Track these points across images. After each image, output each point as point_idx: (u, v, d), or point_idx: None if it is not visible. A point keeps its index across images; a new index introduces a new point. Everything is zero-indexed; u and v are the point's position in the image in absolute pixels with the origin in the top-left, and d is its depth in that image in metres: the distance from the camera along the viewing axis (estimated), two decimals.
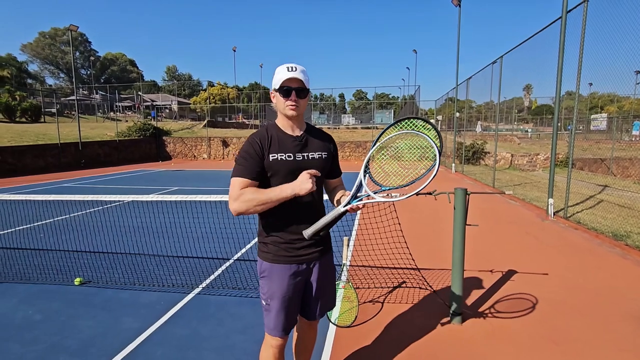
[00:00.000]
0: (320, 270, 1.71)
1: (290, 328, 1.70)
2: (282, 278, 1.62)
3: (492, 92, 11.52)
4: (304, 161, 1.59)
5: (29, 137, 17.56)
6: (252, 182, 1.53)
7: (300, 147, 1.61)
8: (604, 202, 7.69)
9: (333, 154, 1.73)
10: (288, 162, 1.56)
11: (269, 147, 1.56)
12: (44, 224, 5.93)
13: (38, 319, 2.95)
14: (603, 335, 2.70)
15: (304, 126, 1.67)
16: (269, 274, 1.65)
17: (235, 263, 4.14)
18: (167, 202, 7.00)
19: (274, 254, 1.62)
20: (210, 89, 48.00)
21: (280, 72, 1.54)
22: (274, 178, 1.58)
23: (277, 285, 1.63)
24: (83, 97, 40.22)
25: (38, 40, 62.03)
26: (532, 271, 3.91)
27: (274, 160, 1.55)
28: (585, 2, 5.75)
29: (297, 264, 1.64)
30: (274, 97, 1.61)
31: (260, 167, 1.54)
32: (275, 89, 1.56)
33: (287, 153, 1.57)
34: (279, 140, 1.59)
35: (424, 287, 3.50)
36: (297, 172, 1.54)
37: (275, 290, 1.63)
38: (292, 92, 1.54)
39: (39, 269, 3.94)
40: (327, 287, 1.77)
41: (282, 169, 1.56)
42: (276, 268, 1.63)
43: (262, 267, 1.67)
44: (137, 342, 2.59)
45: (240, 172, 1.54)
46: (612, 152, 14.34)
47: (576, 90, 6.14)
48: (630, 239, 4.97)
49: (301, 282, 1.67)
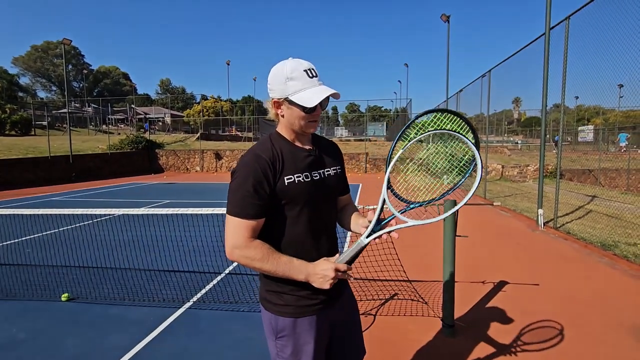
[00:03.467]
0: (345, 308, 1.38)
1: None
2: (310, 332, 1.25)
3: (482, 105, 11.77)
4: (320, 180, 1.26)
5: (18, 150, 17.34)
6: (258, 223, 1.19)
7: (314, 164, 1.27)
8: (593, 212, 7.82)
9: (343, 166, 1.41)
10: (306, 184, 1.21)
11: (282, 167, 1.19)
12: (31, 239, 5.82)
13: (22, 337, 2.86)
14: (594, 345, 2.71)
15: (310, 136, 1.32)
16: (292, 332, 1.25)
17: (227, 277, 4.10)
18: (158, 216, 6.92)
19: (295, 307, 1.24)
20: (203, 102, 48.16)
21: (299, 78, 1.15)
22: (289, 208, 1.21)
23: (306, 341, 1.25)
24: (75, 110, 40.01)
25: (30, 53, 61.96)
26: (523, 282, 3.93)
27: (291, 184, 1.18)
28: (567, 19, 5.98)
29: (323, 309, 1.27)
30: (279, 108, 1.21)
31: (269, 198, 1.18)
32: (292, 100, 1.16)
33: (304, 172, 1.22)
34: (290, 156, 1.22)
35: (415, 299, 3.50)
36: (316, 196, 1.23)
37: (306, 349, 1.25)
38: (317, 106, 1.17)
39: (25, 285, 3.85)
40: (355, 330, 1.42)
41: (301, 194, 1.20)
42: (302, 323, 1.25)
43: (280, 325, 1.26)
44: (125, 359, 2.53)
45: (244, 210, 1.15)
46: (599, 163, 14.65)
47: (561, 103, 6.31)
48: (618, 248, 5.05)
49: (329, 328, 1.32)
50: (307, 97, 1.15)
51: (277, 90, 1.18)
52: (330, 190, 1.32)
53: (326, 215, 1.31)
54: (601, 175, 14.44)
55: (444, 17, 15.22)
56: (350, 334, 1.40)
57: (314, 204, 1.24)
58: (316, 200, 1.24)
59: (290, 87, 1.16)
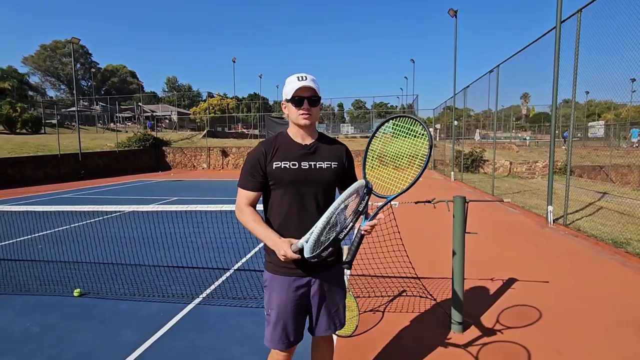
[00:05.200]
0: (324, 284, 1.64)
1: (289, 342, 1.63)
2: (281, 290, 1.59)
3: (489, 101, 11.63)
4: (310, 170, 1.56)
5: (29, 149, 17.62)
6: (254, 194, 1.59)
7: (306, 156, 1.58)
8: (604, 209, 7.70)
9: (345, 163, 1.68)
10: (292, 170, 1.54)
11: (274, 155, 1.56)
12: (43, 235, 5.91)
13: (36, 331, 2.92)
14: (605, 343, 2.68)
15: (316, 135, 1.65)
16: (270, 284, 1.63)
17: (235, 273, 4.12)
18: (167, 212, 6.99)
19: (274, 265, 1.60)
20: (210, 99, 48.36)
21: (291, 82, 1.54)
22: (277, 187, 1.57)
23: (276, 296, 1.60)
24: (83, 108, 40.48)
25: (39, 52, 62.77)
26: (532, 279, 3.89)
27: (277, 168, 1.54)
28: (578, 12, 5.86)
29: (298, 277, 1.59)
30: (285, 108, 1.60)
31: (263, 178, 1.56)
32: (287, 99, 1.55)
33: (292, 161, 1.55)
34: (286, 148, 1.58)
35: (424, 296, 3.48)
36: (301, 181, 1.53)
37: (275, 302, 1.60)
38: (304, 101, 1.53)
39: (38, 281, 3.92)
40: (331, 303, 1.68)
41: (285, 177, 1.54)
42: (276, 279, 1.60)
43: (265, 277, 1.66)
44: (135, 355, 2.56)
45: (243, 183, 1.60)
46: (610, 159, 14.40)
47: (572, 98, 6.20)
48: (630, 246, 4.97)
49: (303, 295, 1.62)
50: (291, 92, 1.53)
51: (284, 95, 1.59)
52: (317, 179, 1.57)
53: (311, 197, 1.58)
54: (612, 171, 14.20)
55: (452, 11, 15.03)
56: (321, 309, 1.67)
57: (296, 186, 1.55)
58: (299, 184, 1.54)
59: (287, 90, 1.55)
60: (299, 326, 1.65)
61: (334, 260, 1.68)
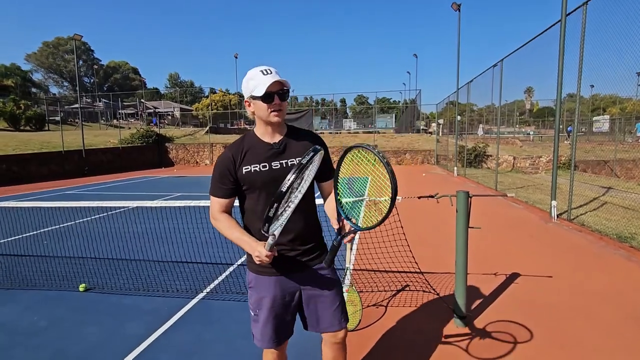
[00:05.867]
0: (313, 281, 1.59)
1: (280, 340, 1.61)
2: (266, 289, 1.56)
3: (493, 95, 11.54)
4: (281, 169, 1.49)
5: (33, 146, 17.72)
6: (227, 201, 1.55)
7: (276, 155, 1.50)
8: (608, 203, 7.65)
9: None
10: (263, 172, 1.48)
11: (242, 160, 1.49)
12: (49, 231, 5.97)
13: (43, 325, 2.96)
14: (609, 338, 2.68)
15: (285, 130, 1.56)
16: (255, 285, 1.59)
17: (239, 268, 4.15)
18: (171, 208, 7.02)
19: (258, 265, 1.52)
20: (212, 95, 48.33)
21: (256, 77, 1.42)
22: (250, 191, 1.51)
23: (261, 296, 1.56)
24: (86, 105, 40.57)
25: (42, 49, 62.87)
26: (536, 274, 3.89)
27: (247, 173, 1.48)
28: (584, 5, 5.79)
29: (282, 275, 1.55)
30: (250, 106, 1.49)
31: (234, 184, 1.51)
32: (255, 96, 1.43)
33: (262, 163, 1.49)
34: (254, 149, 1.51)
35: (427, 291, 3.49)
36: (274, 182, 1.42)
37: (261, 302, 1.57)
38: (274, 96, 1.43)
39: (45, 276, 3.97)
40: (327, 299, 1.62)
41: (258, 180, 1.48)
42: (260, 279, 1.57)
43: (249, 277, 1.62)
44: (141, 348, 2.59)
45: (214, 191, 1.56)
46: (615, 153, 14.29)
47: (577, 93, 6.15)
48: (635, 240, 4.94)
49: (291, 293, 1.58)
50: (258, 88, 1.41)
51: (245, 92, 1.48)
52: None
53: None
54: (617, 166, 14.08)
55: (455, 5, 14.89)
56: (317, 306, 1.62)
57: (269, 188, 1.47)
58: (273, 185, 1.42)
59: (250, 86, 1.44)
60: (289, 324, 1.63)
61: (319, 255, 1.62)
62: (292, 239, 1.53)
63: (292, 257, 1.54)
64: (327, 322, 1.63)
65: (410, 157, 20.85)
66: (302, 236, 1.56)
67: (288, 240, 1.51)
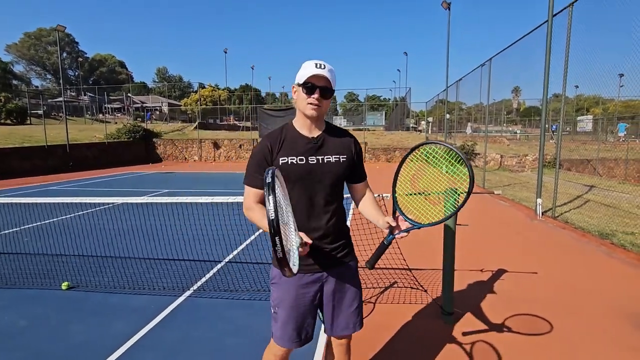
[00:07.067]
0: (336, 281, 1.57)
1: (299, 340, 1.57)
2: (290, 286, 1.53)
3: (481, 94, 11.68)
4: (317, 164, 1.49)
5: (14, 140, 17.17)
6: (263, 191, 1.47)
7: (314, 150, 1.50)
8: (591, 201, 7.85)
9: (354, 156, 1.59)
10: (299, 166, 1.47)
11: (279, 150, 1.48)
12: (30, 228, 5.80)
13: (23, 325, 2.87)
14: (591, 333, 2.75)
15: (323, 126, 1.56)
16: (278, 281, 1.56)
17: (226, 265, 4.11)
18: (158, 205, 6.91)
19: None
20: (201, 90, 47.66)
21: (307, 68, 1.44)
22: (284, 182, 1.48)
23: (285, 293, 1.54)
24: (71, 98, 39.56)
25: (23, 40, 60.90)
26: (521, 270, 3.96)
27: (284, 164, 1.46)
28: (570, 6, 5.89)
29: (307, 273, 1.52)
30: (295, 92, 1.50)
31: None
32: (299, 83, 1.45)
33: (299, 156, 1.47)
34: (292, 141, 1.49)
35: (415, 287, 3.52)
36: (309, 177, 1.47)
37: (283, 299, 1.54)
38: (316, 89, 1.43)
39: (25, 274, 3.85)
40: (346, 301, 1.60)
41: (293, 173, 1.46)
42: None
43: (272, 273, 1.59)
44: (126, 347, 2.54)
45: (251, 181, 1.50)
46: (597, 152, 14.66)
47: (562, 92, 6.26)
48: (615, 237, 5.08)
49: (313, 293, 1.55)
50: (305, 77, 1.43)
51: (296, 79, 1.49)
52: (326, 173, 1.50)
53: (318, 192, 1.51)
54: (599, 165, 14.47)
55: (445, 4, 14.99)
56: (341, 304, 1.61)
57: (304, 182, 1.48)
58: (307, 180, 1.47)
59: (300, 75, 1.46)
60: (311, 325, 1.60)
61: (345, 255, 1.61)
62: (320, 236, 1.51)
63: (319, 254, 1.52)
64: (342, 325, 1.62)
65: (400, 154, 20.97)
66: (330, 234, 1.55)
67: (316, 237, 1.48)
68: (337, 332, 1.63)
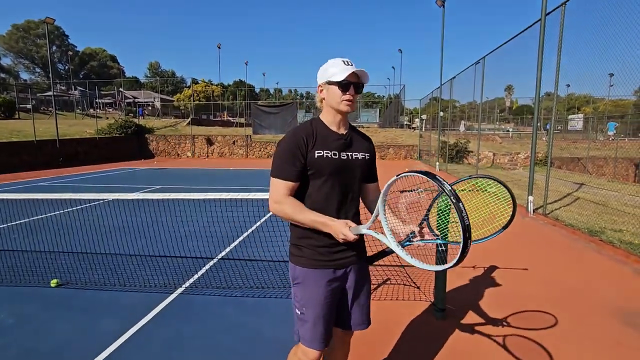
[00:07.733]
0: (356, 276, 1.60)
1: (329, 339, 1.57)
2: (318, 284, 1.51)
3: (474, 92, 11.76)
4: (348, 160, 1.52)
5: (2, 134, 16.83)
6: (294, 185, 1.47)
7: (345, 146, 1.52)
8: (581, 199, 7.97)
9: (372, 156, 1.64)
10: (333, 160, 1.48)
11: (315, 143, 1.47)
12: (18, 224, 5.70)
13: (10, 323, 2.82)
14: (580, 328, 2.79)
15: (348, 125, 1.59)
16: (304, 280, 1.53)
17: (219, 262, 4.08)
18: (150, 201, 6.83)
19: (308, 258, 1.50)
20: (194, 86, 47.17)
21: (336, 65, 1.46)
22: (316, 176, 1.48)
23: (313, 292, 1.51)
24: (60, 93, 38.79)
25: (11, 32, 59.51)
26: (512, 267, 4.01)
27: (320, 158, 1.46)
28: (563, 5, 5.93)
29: (335, 269, 1.53)
30: (322, 91, 1.51)
31: (303, 166, 1.46)
32: (330, 81, 1.46)
33: (332, 151, 1.49)
34: (324, 136, 1.50)
35: (408, 284, 3.54)
36: (340, 172, 1.49)
37: (312, 298, 1.51)
38: (351, 86, 1.45)
39: (12, 271, 3.78)
40: (363, 296, 1.65)
41: (327, 167, 1.47)
42: (312, 274, 1.51)
43: (296, 273, 1.55)
44: (117, 344, 2.51)
45: (282, 173, 1.45)
46: (587, 151, 14.89)
47: (554, 91, 6.32)
48: (604, 234, 5.16)
49: (338, 289, 1.56)
50: (338, 75, 1.44)
51: (320, 78, 1.51)
52: (355, 170, 1.54)
53: (348, 188, 1.53)
54: (589, 163, 14.69)
55: (439, 2, 14.99)
56: (358, 298, 1.64)
57: (336, 177, 1.49)
58: (339, 175, 1.49)
59: (329, 72, 1.47)
60: (333, 322, 1.60)
61: (363, 250, 1.66)
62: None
63: (342, 250, 1.53)
64: (358, 320, 1.65)
65: (394, 152, 21.06)
66: None
67: None
68: (355, 326, 1.64)
